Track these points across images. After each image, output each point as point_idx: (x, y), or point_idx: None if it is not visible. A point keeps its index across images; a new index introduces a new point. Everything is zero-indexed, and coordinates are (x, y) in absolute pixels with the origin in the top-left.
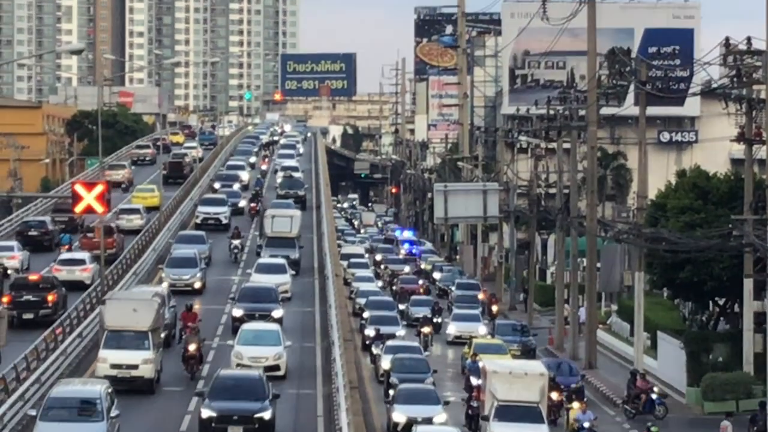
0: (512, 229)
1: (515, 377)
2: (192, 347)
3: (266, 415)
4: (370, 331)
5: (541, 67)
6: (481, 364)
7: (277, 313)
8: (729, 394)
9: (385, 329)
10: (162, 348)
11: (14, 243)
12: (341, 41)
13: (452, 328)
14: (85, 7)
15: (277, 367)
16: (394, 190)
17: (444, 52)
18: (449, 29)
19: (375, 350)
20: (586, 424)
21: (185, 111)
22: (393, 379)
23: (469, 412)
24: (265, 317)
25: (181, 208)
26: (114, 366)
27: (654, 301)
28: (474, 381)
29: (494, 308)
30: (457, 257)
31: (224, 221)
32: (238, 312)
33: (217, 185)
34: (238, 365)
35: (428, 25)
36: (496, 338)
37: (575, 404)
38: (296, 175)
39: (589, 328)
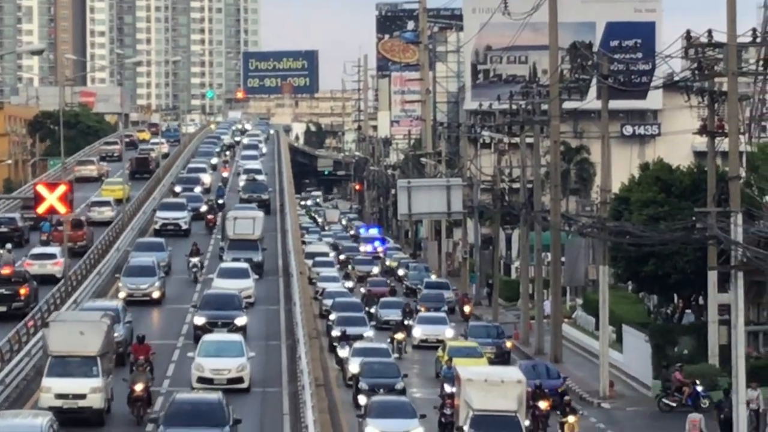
0: (476, 225)
1: (491, 385)
2: (139, 387)
3: None
4: (336, 332)
5: (503, 62)
6: (455, 370)
7: (241, 320)
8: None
9: (352, 330)
10: (112, 374)
11: None
12: (303, 39)
13: (418, 332)
14: (46, 7)
15: (240, 380)
16: (357, 187)
17: (406, 48)
18: (411, 25)
19: (342, 352)
20: None
21: (148, 110)
22: (362, 384)
23: (443, 420)
24: (228, 325)
25: (144, 207)
26: (59, 396)
27: (619, 295)
28: (448, 388)
29: (466, 309)
30: (422, 253)
31: (184, 227)
32: (200, 320)
33: (177, 188)
34: (199, 378)
35: (390, 22)
36: (470, 341)
37: (570, 418)
38: (259, 178)
39: (555, 322)
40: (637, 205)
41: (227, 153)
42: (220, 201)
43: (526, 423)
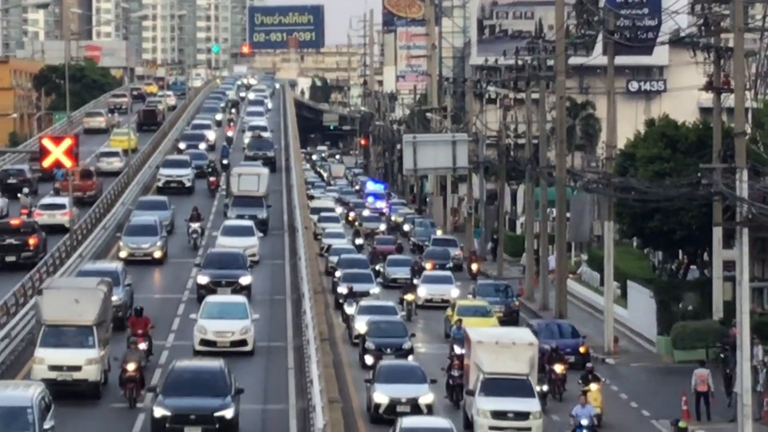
0: (481, 180)
1: (502, 347)
2: (131, 366)
3: (228, 413)
4: (342, 289)
5: (509, 17)
6: (465, 332)
7: (245, 280)
8: (699, 343)
9: (358, 287)
10: (110, 344)
11: None
12: None
13: (423, 291)
14: None
15: (243, 342)
16: (363, 142)
17: (412, 2)
18: None
19: (348, 309)
20: (584, 422)
21: (153, 64)
22: (368, 344)
23: (450, 382)
24: (233, 284)
25: (149, 161)
26: (53, 368)
27: (624, 251)
28: (458, 350)
29: (474, 267)
30: (427, 209)
31: (188, 184)
32: (203, 279)
33: (181, 145)
34: (201, 341)
35: None
36: (479, 299)
37: (593, 386)
38: (265, 135)
39: (560, 278)
40: (642, 161)
41: (232, 110)
42: (225, 161)
43: (544, 387)
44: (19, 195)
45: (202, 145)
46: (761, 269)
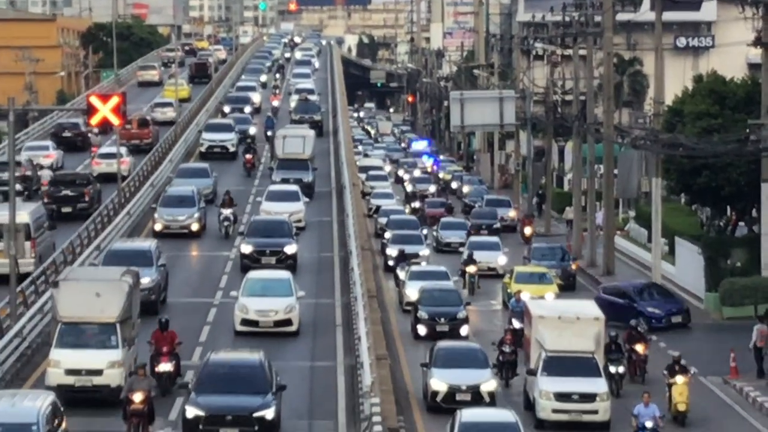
0: (529, 137)
1: (565, 323)
2: (137, 397)
3: (269, 413)
4: (392, 251)
5: None
6: (525, 305)
7: (291, 248)
8: (747, 299)
9: (408, 249)
10: (135, 344)
11: (49, 143)
12: None
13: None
14: None
15: (288, 322)
16: (410, 99)
17: None
18: None
19: (400, 273)
20: (649, 424)
21: (200, 22)
22: (421, 313)
23: (500, 358)
24: (278, 254)
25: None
26: (70, 371)
27: (672, 207)
28: (517, 324)
29: (527, 231)
30: (474, 166)
31: (231, 149)
32: (247, 248)
33: (226, 108)
34: (243, 321)
35: None
36: (536, 264)
37: (679, 378)
38: (312, 98)
39: (607, 234)
40: (690, 118)
41: (277, 75)
42: (269, 133)
43: (620, 369)
44: (90, 135)
45: (248, 109)
46: None
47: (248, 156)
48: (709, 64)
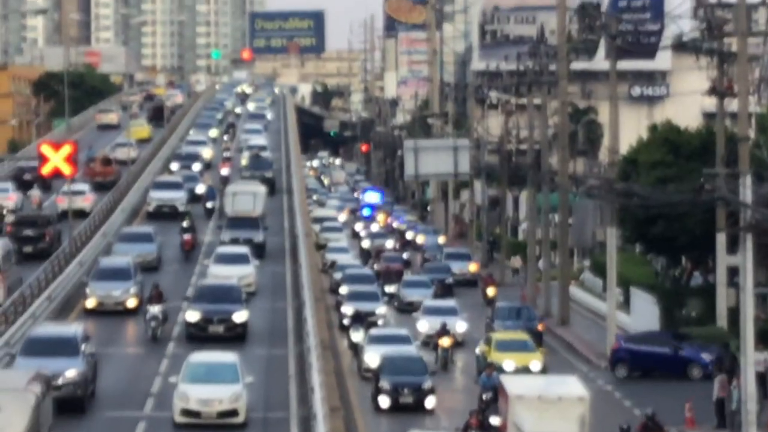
0: (483, 186)
1: (546, 403)
2: None
3: None
4: (347, 309)
5: (510, 22)
6: (499, 382)
7: (240, 316)
8: None
9: (365, 306)
10: None
11: (9, 185)
12: None
13: (423, 325)
14: None
15: (233, 412)
16: (364, 148)
17: (413, 8)
18: None
19: (355, 336)
20: None
21: (153, 71)
22: (383, 383)
23: None
24: (226, 321)
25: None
26: None
27: (627, 257)
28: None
29: (490, 292)
30: (429, 215)
31: (181, 209)
32: (194, 316)
33: (174, 166)
34: (183, 411)
35: None
36: (498, 325)
37: None
38: (264, 154)
39: (562, 284)
40: (645, 167)
41: (226, 136)
42: (209, 204)
43: None
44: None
45: (197, 165)
46: (765, 275)
47: (186, 237)
48: (664, 114)
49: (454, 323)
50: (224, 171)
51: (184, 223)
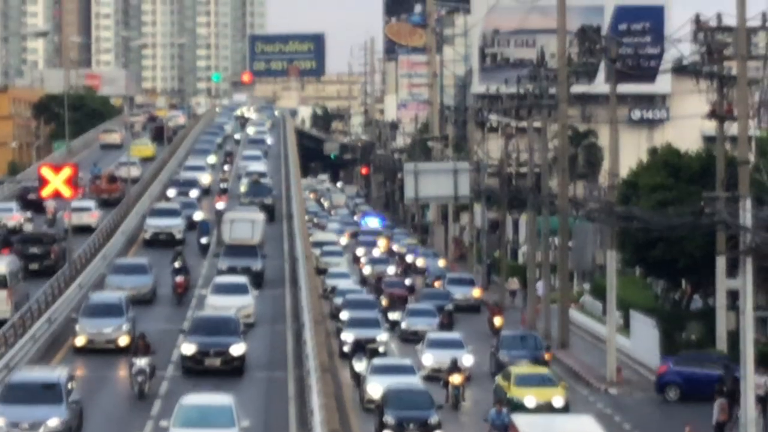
0: (483, 209)
1: None
2: None
3: None
4: (348, 336)
5: (510, 45)
6: (511, 422)
7: (238, 348)
8: None
9: (365, 333)
10: None
11: (13, 205)
12: (310, 21)
13: (428, 359)
14: None
15: None
16: (364, 171)
17: (413, 31)
18: (418, 8)
19: (357, 366)
20: None
21: (153, 93)
22: (387, 418)
23: None
24: (222, 354)
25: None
26: None
27: (626, 280)
28: None
29: (497, 321)
30: (429, 238)
31: (178, 236)
32: (189, 348)
33: (171, 192)
34: None
35: (397, 4)
36: (504, 354)
37: None
38: (263, 180)
39: (562, 307)
40: (645, 190)
41: (226, 166)
42: (203, 240)
43: None
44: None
45: (194, 192)
46: (765, 298)
47: (179, 279)
48: (664, 137)
49: (461, 357)
50: (219, 205)
51: (176, 263)
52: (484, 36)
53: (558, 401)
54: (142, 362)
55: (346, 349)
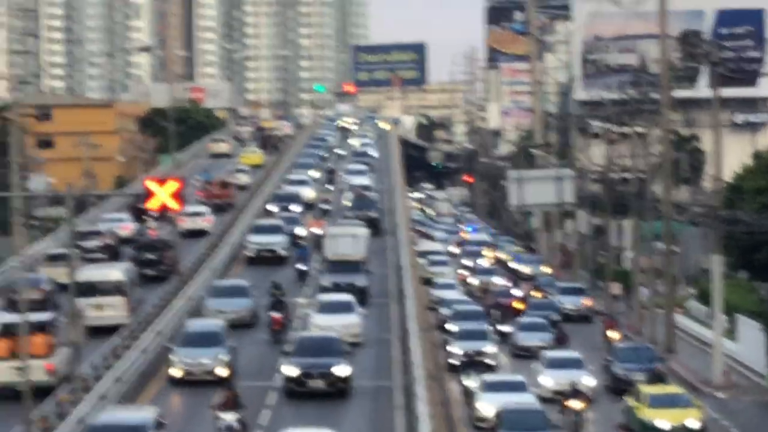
0: (587, 215)
1: None
2: None
3: None
4: (456, 349)
5: (612, 51)
6: None
7: (342, 370)
8: None
9: (473, 346)
10: None
11: (124, 215)
12: (411, 31)
13: (548, 381)
14: (155, 4)
15: None
16: (469, 179)
17: (515, 38)
18: (520, 16)
19: (466, 381)
20: None
21: (257, 105)
22: None
23: None
24: (326, 376)
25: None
26: None
27: (732, 284)
28: None
29: (612, 335)
30: (534, 245)
31: (283, 253)
32: (293, 371)
33: (273, 207)
34: None
35: (499, 13)
36: (619, 367)
37: None
38: (368, 193)
39: (668, 312)
40: (749, 193)
41: (330, 179)
42: (302, 266)
43: None
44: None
45: (297, 207)
46: None
47: (276, 315)
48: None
49: (580, 377)
50: (317, 230)
51: (275, 298)
52: (586, 43)
53: (693, 423)
54: (229, 417)
55: (454, 361)
